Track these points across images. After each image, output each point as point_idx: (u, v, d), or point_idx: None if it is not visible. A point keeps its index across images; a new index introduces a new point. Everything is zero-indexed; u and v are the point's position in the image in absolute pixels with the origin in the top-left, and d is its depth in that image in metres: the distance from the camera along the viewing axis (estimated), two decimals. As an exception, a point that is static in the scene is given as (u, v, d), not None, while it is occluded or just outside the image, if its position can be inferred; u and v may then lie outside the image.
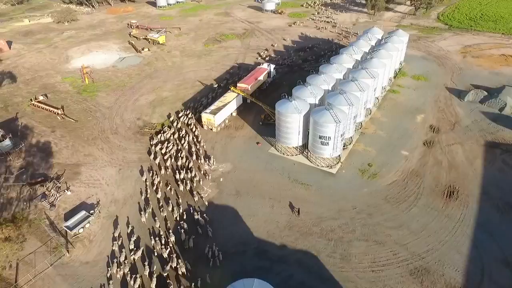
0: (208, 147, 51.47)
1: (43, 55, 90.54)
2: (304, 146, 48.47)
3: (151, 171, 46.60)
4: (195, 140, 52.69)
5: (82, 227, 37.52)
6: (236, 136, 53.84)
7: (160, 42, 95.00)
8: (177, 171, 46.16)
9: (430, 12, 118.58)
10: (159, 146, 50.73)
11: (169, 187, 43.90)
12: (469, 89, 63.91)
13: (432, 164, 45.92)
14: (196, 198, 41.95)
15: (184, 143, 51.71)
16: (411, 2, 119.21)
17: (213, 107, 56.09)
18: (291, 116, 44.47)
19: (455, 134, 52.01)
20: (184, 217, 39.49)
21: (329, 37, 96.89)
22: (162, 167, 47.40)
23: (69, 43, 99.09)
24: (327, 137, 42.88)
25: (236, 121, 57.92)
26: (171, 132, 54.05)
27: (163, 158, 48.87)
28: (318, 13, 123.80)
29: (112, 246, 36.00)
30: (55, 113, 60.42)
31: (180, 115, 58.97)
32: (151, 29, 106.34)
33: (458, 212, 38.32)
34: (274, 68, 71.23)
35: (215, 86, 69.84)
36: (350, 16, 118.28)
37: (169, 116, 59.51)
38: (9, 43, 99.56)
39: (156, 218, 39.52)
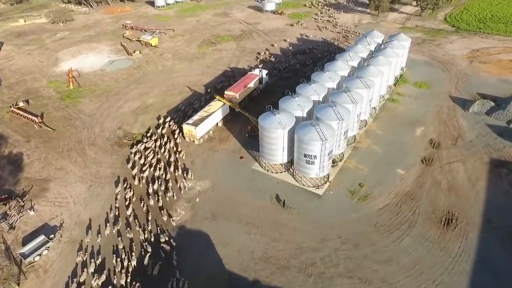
0: (188, 161, 47.95)
1: (32, 57, 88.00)
2: (290, 163, 44.65)
3: (125, 184, 43.22)
4: (175, 154, 49.04)
5: (39, 254, 34.32)
6: (220, 149, 50.18)
7: (152, 45, 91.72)
8: (150, 187, 42.78)
9: (437, 13, 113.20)
10: (137, 156, 47.78)
11: (142, 203, 40.53)
12: (474, 99, 59.25)
13: (430, 185, 41.67)
14: (166, 218, 38.45)
15: (162, 156, 48.28)
16: (416, 3, 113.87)
17: (196, 117, 52.48)
18: (275, 131, 40.63)
19: (457, 150, 47.58)
20: (152, 239, 36.13)
21: (329, 39, 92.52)
22: (138, 179, 44.13)
23: (60, 44, 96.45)
24: (313, 156, 39.00)
25: (221, 132, 54.26)
26: (146, 146, 50.51)
27: (141, 169, 45.61)
28: (320, 12, 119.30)
29: (70, 277, 32.77)
30: (32, 121, 57.53)
31: (161, 125, 55.44)
32: (145, 30, 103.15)
33: (456, 245, 34.13)
34: (266, 74, 67.33)
35: (204, 93, 66.31)
36: (352, 17, 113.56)
37: (148, 129, 55.90)
38: (0, 44, 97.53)
39: (120, 238, 36.14)
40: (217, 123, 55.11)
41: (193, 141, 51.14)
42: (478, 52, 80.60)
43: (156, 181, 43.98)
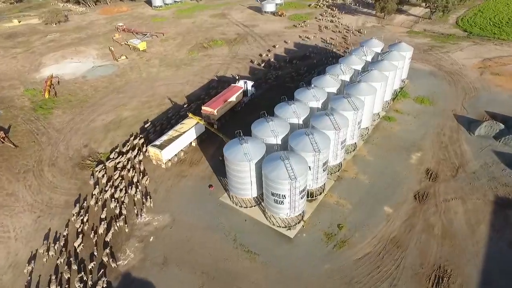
0: (151, 189, 43.08)
1: (16, 61, 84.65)
2: (262, 197, 39.23)
3: (76, 217, 38.68)
4: (136, 180, 44.14)
5: (-41, 306, 30.20)
6: (188, 174, 45.10)
7: (140, 49, 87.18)
8: (103, 225, 38.12)
9: (448, 16, 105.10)
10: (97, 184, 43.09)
11: (95, 246, 35.93)
12: (482, 119, 52.51)
13: (420, 230, 35.65)
14: (113, 265, 33.72)
15: (125, 179, 43.61)
16: (426, 5, 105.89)
17: (165, 137, 47.50)
18: (240, 164, 35.26)
19: (457, 184, 41.24)
20: (93, 291, 31.51)
21: (327, 45, 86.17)
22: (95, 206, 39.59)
23: (47, 48, 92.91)
24: (281, 196, 33.56)
25: (194, 154, 49.18)
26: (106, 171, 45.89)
27: (96, 202, 41.03)
28: (321, 15, 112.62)
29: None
30: (-2, 135, 53.68)
31: (128, 145, 50.69)
32: (137, 33, 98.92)
33: (446, 314, 28.34)
34: (252, 86, 61.84)
35: (185, 105, 61.30)
36: (356, 20, 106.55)
37: (115, 148, 51.29)
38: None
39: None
40: (191, 143, 50.10)
41: (161, 165, 46.27)
42: (490, 62, 73.08)
43: (113, 213, 39.39)
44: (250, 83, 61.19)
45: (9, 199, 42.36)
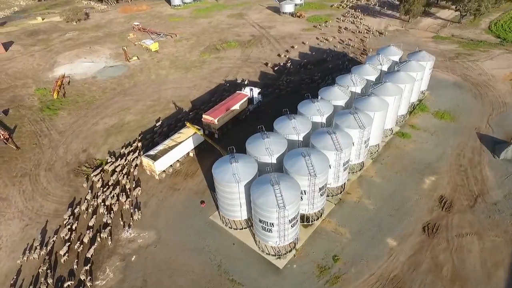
0: (141, 201, 41.42)
1: (33, 59, 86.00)
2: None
3: (61, 229, 37.57)
4: (126, 193, 42.58)
5: None
6: (181, 188, 43.06)
7: (152, 50, 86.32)
8: (88, 235, 36.81)
9: (480, 20, 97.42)
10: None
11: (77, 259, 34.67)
12: (510, 140, 47.15)
13: (426, 269, 31.75)
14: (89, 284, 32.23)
15: (112, 195, 42.18)
16: (455, 7, 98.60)
17: (160, 147, 45.71)
18: (228, 185, 32.71)
19: (474, 216, 36.78)
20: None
21: (345, 49, 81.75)
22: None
23: (64, 46, 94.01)
24: (269, 223, 30.74)
25: (190, 165, 47.12)
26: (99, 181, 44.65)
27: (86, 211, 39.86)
28: (344, 15, 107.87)
29: None
30: (1, 135, 53.83)
31: (126, 152, 49.35)
32: (151, 33, 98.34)
33: None
34: (259, 93, 59.03)
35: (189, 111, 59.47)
36: (379, 22, 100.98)
37: (111, 154, 50.20)
38: (10, 44, 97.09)
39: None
40: (189, 153, 48.08)
41: (154, 176, 44.53)
42: (524, 73, 66.47)
43: (101, 225, 38.03)
44: (256, 90, 58.41)
45: (1, 204, 41.96)
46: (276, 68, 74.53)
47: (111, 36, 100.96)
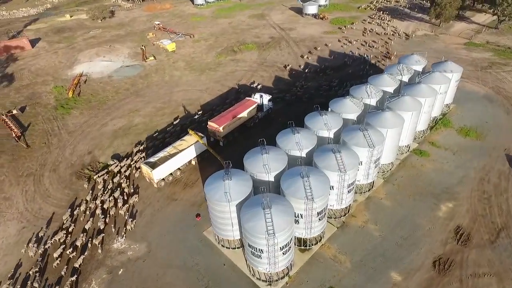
0: (137, 209, 40.45)
1: (56, 57, 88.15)
2: (248, 237, 34.46)
3: (54, 236, 37.25)
4: (124, 200, 41.73)
5: None
6: (179, 198, 41.69)
7: (169, 50, 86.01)
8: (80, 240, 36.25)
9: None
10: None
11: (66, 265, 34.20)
12: (544, 165, 42.16)
13: (433, 312, 28.47)
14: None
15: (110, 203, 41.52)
16: (493, 11, 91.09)
17: (161, 154, 44.60)
18: (219, 204, 30.80)
19: (494, 254, 32.74)
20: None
21: (367, 54, 77.50)
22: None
23: (86, 44, 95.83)
24: (258, 249, 28.54)
25: (191, 174, 45.69)
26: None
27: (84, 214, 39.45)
28: (371, 17, 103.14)
29: None
30: (13, 132, 54.92)
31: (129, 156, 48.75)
32: (170, 33, 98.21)
33: None
34: (269, 100, 56.67)
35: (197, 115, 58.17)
36: (407, 26, 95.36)
37: (116, 157, 49.76)
38: (37, 41, 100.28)
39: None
40: (190, 161, 46.68)
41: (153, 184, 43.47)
42: None
43: (94, 233, 37.42)
44: (266, 97, 56.09)
45: (3, 204, 42.43)
46: (293, 73, 71.90)
47: (132, 34, 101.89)
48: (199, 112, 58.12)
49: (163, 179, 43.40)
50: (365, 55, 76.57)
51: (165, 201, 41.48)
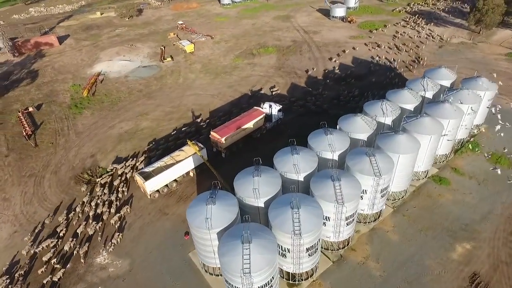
0: (127, 221, 39.10)
1: (79, 54, 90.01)
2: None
3: (41, 244, 36.71)
4: (115, 210, 40.62)
5: None
6: (170, 213, 39.86)
7: (187, 51, 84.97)
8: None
9: None
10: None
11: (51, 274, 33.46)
12: None
13: None
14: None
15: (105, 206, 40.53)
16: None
17: (156, 164, 42.99)
18: (199, 231, 28.44)
19: (515, 312, 27.93)
20: None
21: (392, 62, 72.04)
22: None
23: (110, 42, 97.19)
24: (234, 287, 25.82)
25: (188, 186, 43.76)
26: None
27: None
28: (405, 20, 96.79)
29: None
30: (25, 130, 55.88)
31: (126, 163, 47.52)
32: (192, 33, 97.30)
33: None
34: (279, 110, 53.58)
35: (201, 122, 56.24)
36: (442, 32, 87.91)
37: (118, 161, 48.88)
38: (66, 38, 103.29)
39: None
40: (189, 172, 44.76)
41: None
42: None
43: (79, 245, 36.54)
44: (276, 107, 53.06)
45: (3, 204, 42.78)
46: (310, 80, 68.20)
47: (155, 34, 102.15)
48: (202, 122, 55.97)
49: (158, 190, 41.81)
50: (392, 62, 71.35)
51: (156, 214, 39.83)
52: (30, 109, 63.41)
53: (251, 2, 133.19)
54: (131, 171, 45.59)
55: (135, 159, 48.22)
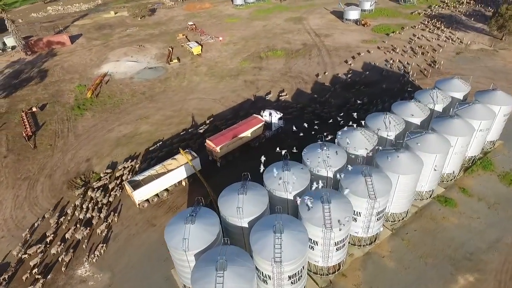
0: (114, 231, 38.08)
1: (89, 54, 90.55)
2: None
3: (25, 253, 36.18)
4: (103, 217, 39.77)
5: None
6: (158, 224, 38.57)
7: (194, 53, 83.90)
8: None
9: None
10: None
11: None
12: None
13: None
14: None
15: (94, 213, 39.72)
16: None
17: (147, 173, 41.78)
18: (176, 252, 26.93)
19: None
20: None
21: (404, 70, 68.63)
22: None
23: (120, 42, 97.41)
24: (206, 316, 24.15)
25: (179, 196, 42.37)
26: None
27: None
28: (424, 23, 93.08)
29: None
30: (25, 131, 56.04)
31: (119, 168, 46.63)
32: (201, 34, 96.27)
33: None
34: (280, 118, 51.54)
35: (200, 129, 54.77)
36: (461, 38, 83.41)
37: (112, 166, 48.09)
38: (78, 37, 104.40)
39: None
40: (181, 181, 43.38)
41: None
42: None
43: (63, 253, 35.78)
44: (276, 115, 51.03)
45: (-7, 209, 42.74)
46: (317, 86, 65.77)
47: (164, 34, 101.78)
48: (200, 129, 54.46)
49: (147, 200, 40.65)
50: (406, 67, 68.33)
51: (144, 225, 38.64)
52: (34, 109, 63.77)
53: (265, 3, 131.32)
54: (121, 179, 44.58)
55: (125, 166, 47.21)
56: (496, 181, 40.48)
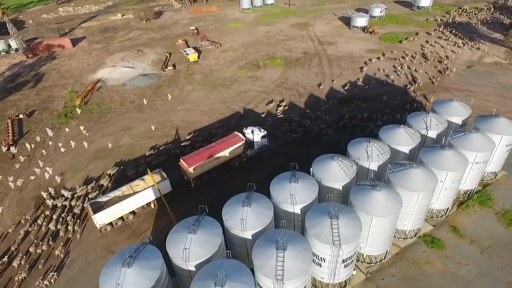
0: (70, 258, 35.97)
1: (88, 58, 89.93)
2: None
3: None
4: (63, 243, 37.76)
5: None
6: (117, 251, 35.96)
7: (190, 60, 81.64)
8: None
9: None
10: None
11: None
12: None
13: None
14: None
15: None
16: None
17: (114, 193, 39.43)
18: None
19: None
20: None
21: (407, 85, 64.04)
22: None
23: (121, 46, 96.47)
24: None
25: (145, 219, 39.83)
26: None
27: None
28: (439, 31, 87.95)
29: None
30: (5, 140, 55.10)
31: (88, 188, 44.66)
32: (201, 40, 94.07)
33: None
34: (264, 136, 48.39)
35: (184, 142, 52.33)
36: (475, 47, 77.66)
37: (86, 182, 46.19)
38: (81, 40, 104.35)
39: None
40: (151, 203, 40.93)
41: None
42: None
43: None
44: (259, 133, 47.88)
45: (-42, 223, 41.49)
46: (312, 100, 62.24)
47: (166, 39, 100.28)
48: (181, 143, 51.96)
49: (111, 223, 38.38)
50: (411, 82, 63.86)
51: (102, 252, 36.34)
52: (21, 116, 63.01)
53: (272, 7, 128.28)
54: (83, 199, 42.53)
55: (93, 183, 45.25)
56: (494, 220, 35.92)
